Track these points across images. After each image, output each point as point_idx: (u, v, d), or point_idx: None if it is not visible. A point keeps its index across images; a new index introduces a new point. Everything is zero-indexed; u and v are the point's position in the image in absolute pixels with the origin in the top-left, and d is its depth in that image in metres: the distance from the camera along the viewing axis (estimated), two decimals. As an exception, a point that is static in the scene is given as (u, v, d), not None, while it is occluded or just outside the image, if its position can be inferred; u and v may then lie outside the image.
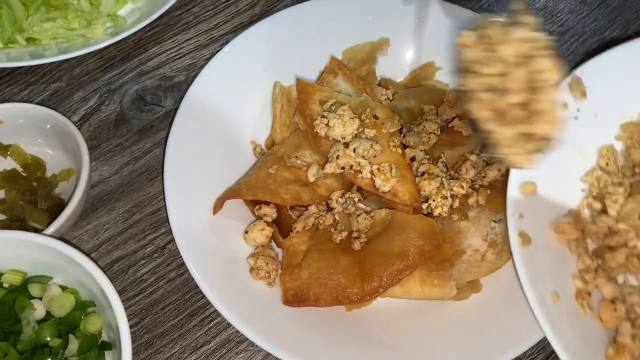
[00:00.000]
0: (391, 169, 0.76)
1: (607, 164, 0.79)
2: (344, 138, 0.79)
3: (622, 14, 1.08)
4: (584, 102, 0.77)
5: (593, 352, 0.67)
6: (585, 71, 0.78)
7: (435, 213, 0.78)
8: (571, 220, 0.74)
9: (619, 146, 0.81)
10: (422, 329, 0.77)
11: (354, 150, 0.77)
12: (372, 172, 0.77)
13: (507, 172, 0.74)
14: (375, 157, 0.78)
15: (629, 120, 0.80)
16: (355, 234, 0.79)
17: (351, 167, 0.78)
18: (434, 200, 0.78)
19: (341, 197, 0.81)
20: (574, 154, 0.77)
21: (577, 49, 1.04)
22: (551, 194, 0.74)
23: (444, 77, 0.95)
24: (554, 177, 0.75)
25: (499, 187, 0.81)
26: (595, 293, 0.71)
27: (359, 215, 0.79)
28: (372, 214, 0.79)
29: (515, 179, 0.73)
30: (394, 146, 0.80)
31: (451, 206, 0.79)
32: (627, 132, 0.81)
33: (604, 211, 0.76)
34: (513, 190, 0.72)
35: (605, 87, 0.79)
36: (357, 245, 0.77)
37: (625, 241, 0.73)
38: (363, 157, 0.77)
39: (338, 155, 0.78)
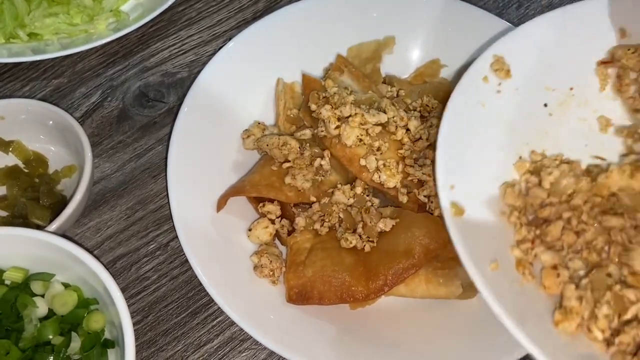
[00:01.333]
0: (397, 164, 0.76)
1: None
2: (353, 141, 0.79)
3: (627, 12, 1.08)
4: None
5: (539, 318, 0.63)
6: (504, 47, 0.76)
7: (435, 214, 0.78)
8: (512, 190, 0.71)
9: None
10: (427, 328, 0.77)
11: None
12: (377, 168, 0.77)
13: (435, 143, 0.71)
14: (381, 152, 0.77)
15: (550, 91, 0.77)
16: (359, 231, 0.78)
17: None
18: (431, 202, 0.78)
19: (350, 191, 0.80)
20: (502, 128, 0.74)
21: (583, 47, 1.03)
22: (483, 168, 0.72)
23: (448, 75, 0.94)
24: (484, 153, 0.72)
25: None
26: (536, 263, 0.68)
27: (366, 211, 0.79)
28: (382, 212, 0.79)
29: (443, 151, 0.69)
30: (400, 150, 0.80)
31: (456, 204, 0.79)
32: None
33: (539, 184, 0.72)
34: (442, 163, 0.69)
35: (525, 61, 0.76)
36: (367, 247, 0.77)
37: (559, 213, 0.69)
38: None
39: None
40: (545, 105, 0.76)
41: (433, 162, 0.70)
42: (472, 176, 0.70)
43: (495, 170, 0.73)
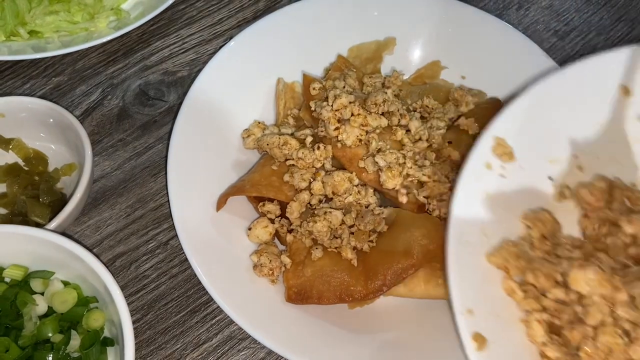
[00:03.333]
0: (400, 167, 0.76)
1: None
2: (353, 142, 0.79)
3: (627, 13, 1.08)
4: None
5: None
6: (503, 125, 0.71)
7: (434, 214, 0.78)
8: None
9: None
10: (426, 328, 0.77)
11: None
12: (379, 169, 0.77)
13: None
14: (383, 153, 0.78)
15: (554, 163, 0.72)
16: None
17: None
18: (429, 203, 0.78)
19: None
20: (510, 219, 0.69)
21: (583, 48, 1.03)
22: (496, 275, 0.66)
23: (449, 77, 0.95)
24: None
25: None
26: None
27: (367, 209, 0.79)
28: (378, 213, 0.79)
29: (454, 268, 0.64)
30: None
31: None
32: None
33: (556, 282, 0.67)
34: (455, 283, 0.63)
35: (527, 137, 0.71)
36: (366, 247, 0.77)
37: (578, 316, 0.63)
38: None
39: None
40: (550, 178, 0.72)
41: (446, 279, 0.64)
42: (489, 289, 0.65)
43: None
